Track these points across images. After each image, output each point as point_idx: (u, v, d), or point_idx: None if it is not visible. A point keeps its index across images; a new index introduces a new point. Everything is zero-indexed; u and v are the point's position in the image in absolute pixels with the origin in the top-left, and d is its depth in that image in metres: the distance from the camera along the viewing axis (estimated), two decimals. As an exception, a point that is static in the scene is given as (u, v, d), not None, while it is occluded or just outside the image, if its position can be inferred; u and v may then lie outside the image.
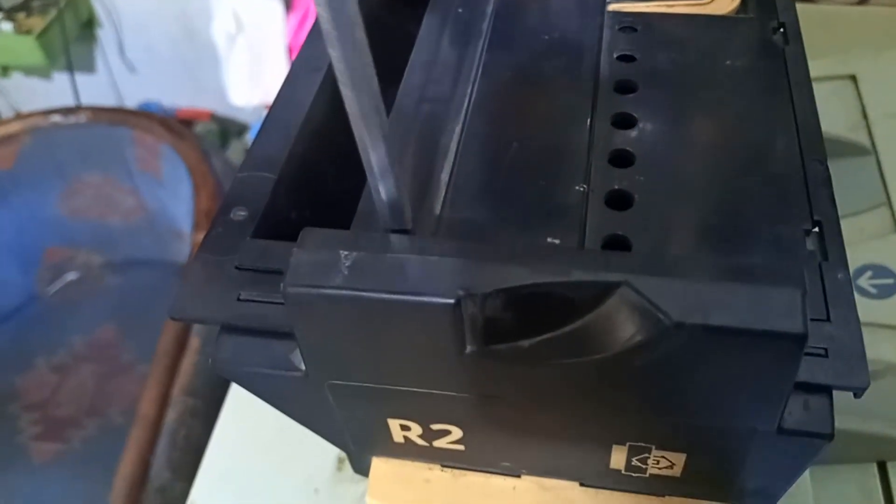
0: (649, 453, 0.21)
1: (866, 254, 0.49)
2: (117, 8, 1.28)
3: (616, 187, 0.24)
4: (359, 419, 0.22)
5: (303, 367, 0.21)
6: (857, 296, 0.50)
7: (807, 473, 0.35)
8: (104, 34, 1.31)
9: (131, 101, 1.41)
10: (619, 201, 0.23)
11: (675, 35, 0.29)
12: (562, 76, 0.28)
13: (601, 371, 0.18)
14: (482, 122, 0.26)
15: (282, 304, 0.20)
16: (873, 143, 0.54)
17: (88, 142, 1.17)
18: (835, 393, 0.19)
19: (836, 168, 0.59)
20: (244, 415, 0.36)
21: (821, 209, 0.22)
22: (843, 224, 0.54)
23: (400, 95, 0.28)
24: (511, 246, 0.21)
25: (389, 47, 0.24)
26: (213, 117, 1.43)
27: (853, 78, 0.58)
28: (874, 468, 0.41)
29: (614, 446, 0.21)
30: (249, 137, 1.33)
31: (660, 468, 0.21)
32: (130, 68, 1.36)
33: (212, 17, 1.05)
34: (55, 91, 1.35)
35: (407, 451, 0.23)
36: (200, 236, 1.07)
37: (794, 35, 0.28)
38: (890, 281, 0.47)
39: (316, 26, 0.29)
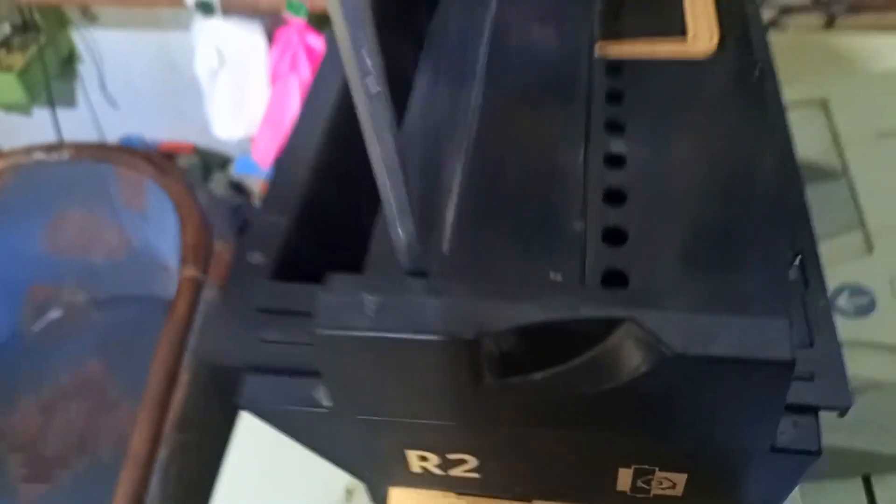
0: (653, 475, 0.22)
1: (843, 274, 0.51)
2: (98, 43, 1.29)
3: (611, 224, 0.25)
4: (379, 451, 0.23)
5: (327, 404, 0.22)
6: (836, 315, 0.52)
7: (797, 490, 0.36)
8: (85, 69, 1.32)
9: (113, 136, 1.42)
10: (614, 237, 0.25)
11: (660, 76, 0.31)
12: (555, 117, 0.30)
13: (609, 399, 0.19)
14: (482, 162, 0.28)
15: (304, 344, 0.21)
16: (845, 167, 0.56)
17: (71, 178, 1.17)
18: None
19: (810, 192, 0.61)
20: (251, 451, 0.37)
21: (801, 240, 0.24)
22: (822, 246, 0.56)
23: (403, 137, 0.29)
24: (521, 285, 0.22)
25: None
26: (196, 150, 1.43)
27: (824, 103, 0.61)
28: (860, 482, 0.43)
29: (620, 469, 0.22)
30: (233, 169, 1.34)
31: (663, 489, 0.23)
32: (112, 103, 1.36)
33: (193, 50, 1.06)
34: (35, 127, 1.35)
35: (424, 480, 0.24)
36: (188, 270, 1.07)
37: (769, 72, 0.30)
38: (866, 300, 0.50)
39: (321, 73, 0.31)
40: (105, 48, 1.32)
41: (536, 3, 0.36)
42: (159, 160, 1.14)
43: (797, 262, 0.24)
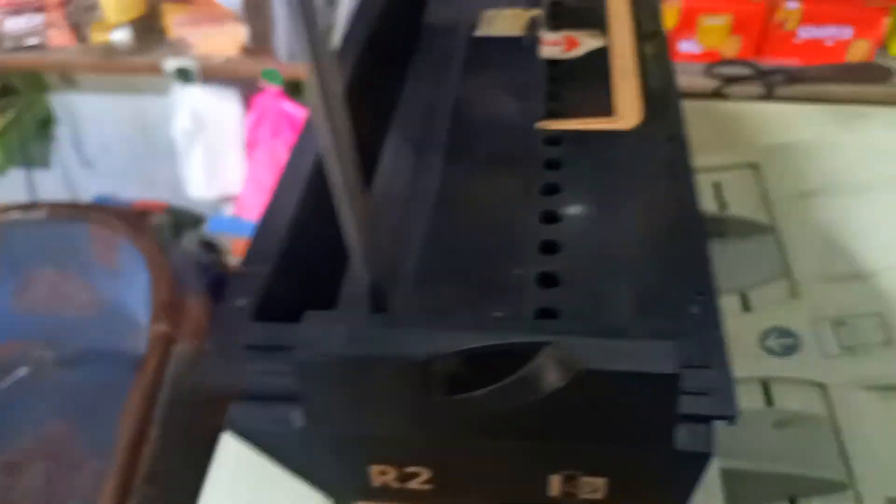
0: (578, 480, 0.26)
1: (772, 318, 0.57)
2: (75, 106, 1.33)
3: (546, 270, 0.30)
4: (344, 466, 0.27)
5: (301, 424, 0.25)
6: (764, 354, 0.57)
7: None
8: (61, 131, 1.36)
9: (86, 196, 1.45)
10: (548, 281, 0.29)
11: (591, 146, 0.36)
12: (503, 182, 0.35)
13: (536, 411, 0.23)
14: (441, 220, 0.33)
15: (283, 373, 0.25)
16: (774, 223, 0.62)
17: (45, 238, 1.19)
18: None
19: (743, 245, 0.67)
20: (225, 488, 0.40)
21: (701, 281, 0.29)
22: (752, 293, 0.62)
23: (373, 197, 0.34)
24: (466, 319, 0.26)
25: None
26: (168, 209, 1.47)
27: (755, 165, 0.68)
28: (786, 504, 0.47)
29: (551, 475, 0.26)
30: (205, 228, 1.37)
31: (588, 493, 0.26)
32: (86, 163, 1.40)
33: (168, 114, 1.11)
34: (8, 185, 1.38)
35: (383, 493, 0.28)
36: (159, 326, 1.09)
37: (682, 143, 0.35)
38: (791, 340, 0.55)
39: (301, 140, 0.36)
40: (82, 111, 1.36)
41: (492, 85, 0.41)
42: (133, 218, 1.17)
43: (698, 299, 0.28)
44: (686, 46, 1.07)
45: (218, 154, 1.07)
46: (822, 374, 0.52)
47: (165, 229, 1.37)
